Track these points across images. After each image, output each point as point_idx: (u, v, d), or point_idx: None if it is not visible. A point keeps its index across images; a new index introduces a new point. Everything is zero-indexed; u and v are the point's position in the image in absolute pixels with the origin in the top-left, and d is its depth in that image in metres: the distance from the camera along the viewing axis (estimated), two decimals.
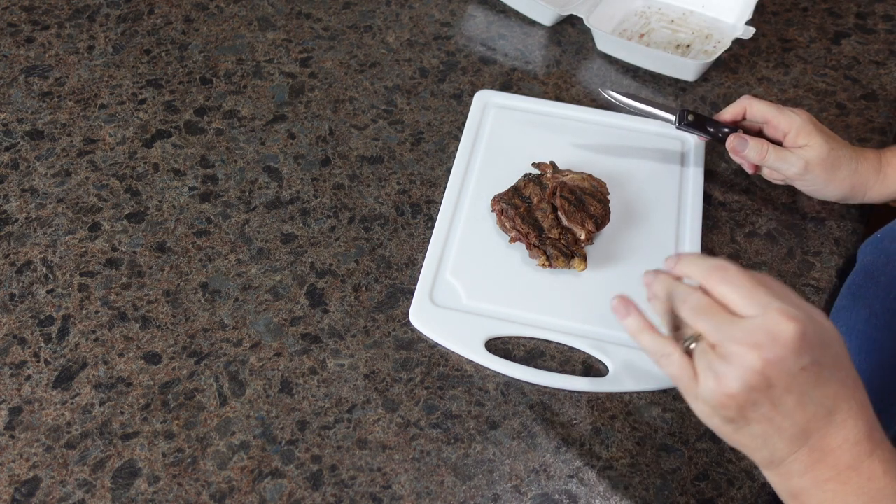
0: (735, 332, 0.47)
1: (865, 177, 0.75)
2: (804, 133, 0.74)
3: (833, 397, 0.47)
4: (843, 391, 0.47)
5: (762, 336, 0.46)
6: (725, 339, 0.47)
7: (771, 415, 0.47)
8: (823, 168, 0.74)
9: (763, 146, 0.75)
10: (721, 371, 0.47)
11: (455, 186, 0.80)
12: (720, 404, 0.48)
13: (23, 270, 0.74)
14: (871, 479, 0.47)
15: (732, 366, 0.47)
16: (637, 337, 0.52)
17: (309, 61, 0.93)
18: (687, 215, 0.79)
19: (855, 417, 0.47)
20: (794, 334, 0.46)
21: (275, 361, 0.69)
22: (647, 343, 0.52)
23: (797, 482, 0.48)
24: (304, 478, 0.63)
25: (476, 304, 0.72)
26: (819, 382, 0.47)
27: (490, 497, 0.62)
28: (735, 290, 0.48)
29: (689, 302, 0.49)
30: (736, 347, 0.46)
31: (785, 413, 0.47)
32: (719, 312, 0.48)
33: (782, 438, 0.48)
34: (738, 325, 0.47)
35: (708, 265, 0.50)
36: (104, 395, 0.67)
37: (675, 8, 1.00)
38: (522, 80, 0.92)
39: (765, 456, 0.49)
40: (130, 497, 0.62)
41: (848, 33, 0.99)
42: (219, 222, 0.78)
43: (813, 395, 0.47)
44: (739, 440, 0.49)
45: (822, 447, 0.47)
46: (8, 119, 0.86)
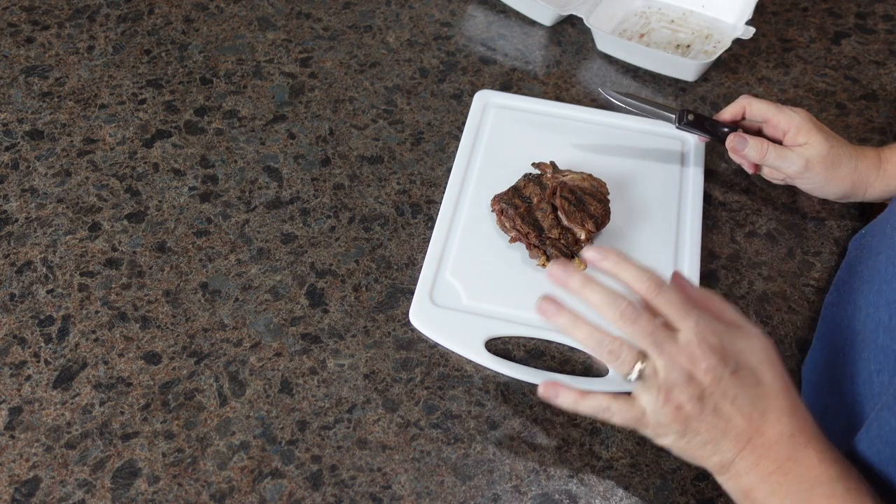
0: (673, 349, 0.53)
1: (866, 174, 0.75)
2: (804, 131, 0.74)
3: (763, 397, 0.53)
4: (772, 392, 0.53)
5: (695, 349, 0.52)
6: (667, 356, 0.53)
7: (714, 421, 0.52)
8: (824, 166, 0.74)
9: (763, 145, 0.75)
10: (667, 389, 0.53)
11: (455, 186, 0.80)
12: (671, 419, 0.53)
13: (23, 270, 0.74)
14: (808, 467, 0.52)
15: (676, 383, 0.53)
16: (576, 407, 0.57)
17: (309, 61, 0.93)
18: (687, 215, 0.79)
19: (788, 414, 0.53)
20: (717, 343, 0.53)
21: (275, 361, 0.69)
22: (587, 407, 0.57)
23: (746, 480, 0.53)
24: (304, 478, 0.63)
25: (476, 304, 0.72)
26: (748, 385, 0.53)
27: (490, 497, 0.62)
28: (669, 305, 0.54)
29: (630, 317, 0.54)
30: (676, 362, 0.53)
31: (725, 417, 0.52)
32: (661, 331, 0.54)
33: (727, 440, 0.53)
34: (673, 343, 0.53)
35: (644, 277, 0.55)
36: (104, 395, 0.67)
37: (675, 8, 1.00)
38: (522, 80, 0.92)
39: (716, 462, 0.54)
40: (130, 497, 0.62)
41: (848, 33, 0.99)
42: (219, 222, 0.78)
43: (745, 396, 0.52)
44: (694, 452, 0.54)
45: (762, 444, 0.52)
46: (8, 119, 0.86)
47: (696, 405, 0.52)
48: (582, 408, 0.57)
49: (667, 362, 0.53)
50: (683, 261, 0.75)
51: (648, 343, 0.53)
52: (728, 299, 0.74)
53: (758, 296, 0.75)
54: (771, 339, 0.55)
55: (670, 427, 0.54)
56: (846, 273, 0.71)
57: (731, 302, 0.74)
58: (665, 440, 0.55)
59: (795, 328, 0.73)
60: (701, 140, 0.83)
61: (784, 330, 0.73)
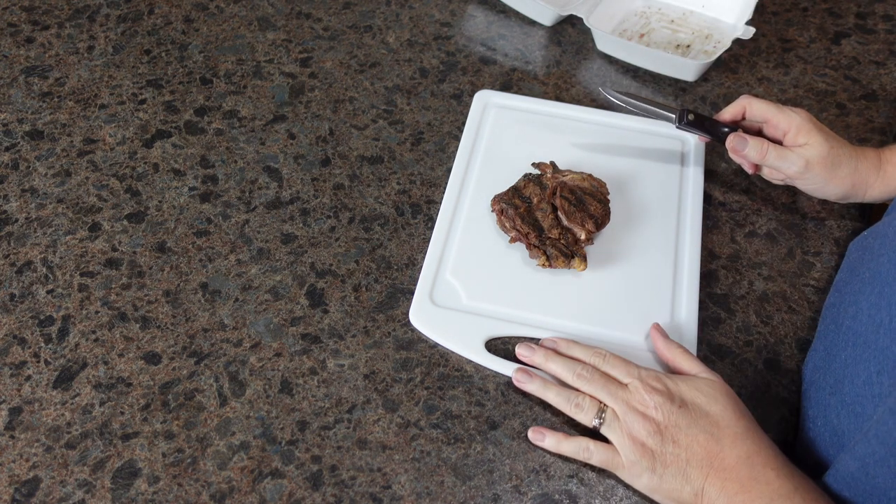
0: (626, 394, 0.62)
1: (866, 175, 0.75)
2: (804, 132, 0.74)
3: (714, 425, 0.59)
4: (722, 420, 0.60)
5: (643, 393, 0.61)
6: (620, 402, 0.62)
7: (675, 451, 0.59)
8: (824, 166, 0.74)
9: (763, 145, 0.75)
10: (628, 429, 0.61)
11: (455, 186, 0.80)
12: (640, 455, 0.60)
13: (23, 270, 0.74)
14: (767, 483, 0.56)
15: (634, 421, 0.60)
16: (559, 448, 0.64)
17: (309, 61, 0.93)
18: (687, 215, 0.79)
19: (742, 438, 0.59)
20: (661, 386, 0.62)
21: (275, 361, 0.69)
22: (569, 448, 0.63)
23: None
24: (304, 478, 0.63)
25: (476, 304, 0.72)
26: (696, 416, 0.60)
27: (490, 497, 0.62)
28: (614, 368, 0.64)
29: (586, 378, 0.64)
30: (630, 404, 0.61)
31: (684, 446, 0.59)
32: (612, 383, 0.63)
33: (692, 468, 0.58)
34: (625, 391, 0.62)
35: (589, 351, 0.66)
36: (104, 395, 0.67)
37: (675, 8, 1.00)
38: (522, 80, 0.92)
39: (689, 492, 0.58)
40: (130, 497, 0.62)
41: (848, 33, 0.99)
42: (219, 222, 0.78)
43: (696, 426, 0.59)
44: (669, 486, 0.59)
45: (723, 467, 0.58)
46: (8, 119, 0.86)
47: (656, 438, 0.59)
48: (564, 448, 0.64)
49: (622, 406, 0.62)
50: (683, 261, 0.75)
51: (604, 394, 0.63)
52: (728, 299, 0.74)
53: (758, 296, 0.75)
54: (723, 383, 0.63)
55: (640, 463, 0.60)
56: (847, 274, 0.71)
57: (730, 302, 0.74)
58: (641, 480, 0.60)
59: (795, 328, 0.73)
60: (701, 140, 0.83)
61: (784, 330, 0.73)
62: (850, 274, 0.70)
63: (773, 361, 0.71)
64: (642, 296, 0.72)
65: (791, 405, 0.68)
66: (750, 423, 0.60)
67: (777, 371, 0.70)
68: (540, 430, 0.65)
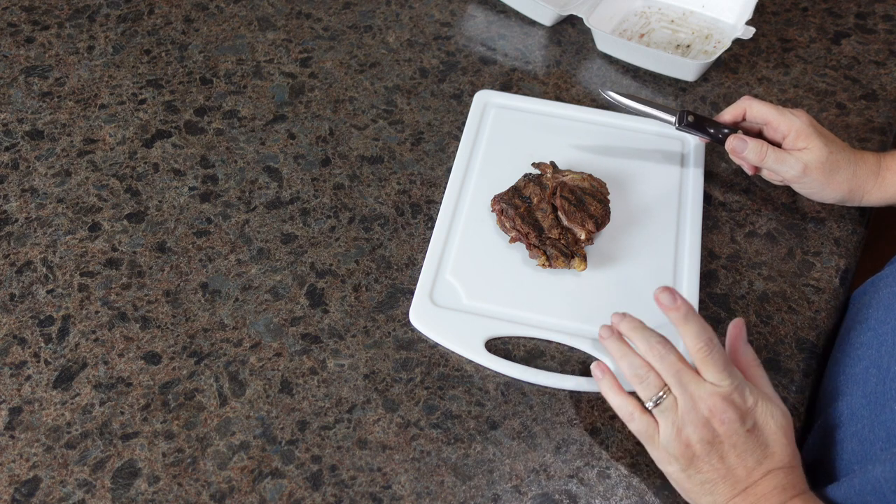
0: (697, 391, 0.58)
1: (863, 180, 0.75)
2: (803, 136, 0.74)
3: (769, 458, 0.57)
4: (777, 456, 0.57)
5: (718, 400, 0.57)
6: (688, 399, 0.58)
7: (717, 465, 0.57)
8: (821, 171, 0.74)
9: (762, 147, 0.75)
10: (681, 425, 0.58)
11: (455, 186, 0.80)
12: (679, 453, 0.58)
13: (23, 270, 0.74)
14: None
15: (691, 420, 0.58)
16: (609, 396, 0.62)
17: (309, 61, 0.93)
18: (687, 215, 0.79)
19: (785, 472, 0.57)
20: (741, 403, 0.57)
21: (275, 361, 0.69)
22: (616, 401, 0.62)
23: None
24: (304, 478, 0.63)
25: (476, 304, 0.72)
26: (758, 444, 0.57)
27: (490, 497, 0.62)
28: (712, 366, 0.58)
29: (660, 353, 0.60)
30: (696, 405, 0.58)
31: (729, 465, 0.57)
32: (687, 373, 0.59)
33: (725, 485, 0.57)
34: (699, 386, 0.58)
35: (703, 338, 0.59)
36: (104, 395, 0.67)
37: (675, 8, 1.00)
38: (522, 80, 0.92)
39: (709, 501, 0.58)
40: (130, 497, 0.62)
41: (848, 33, 0.99)
42: (219, 222, 0.78)
43: (752, 454, 0.57)
44: (690, 487, 0.58)
45: (755, 493, 0.57)
46: (8, 119, 0.86)
47: (705, 447, 0.57)
48: (612, 400, 0.62)
49: (687, 402, 0.58)
50: (683, 261, 0.75)
51: (673, 380, 0.59)
52: (728, 299, 0.74)
53: (758, 296, 0.75)
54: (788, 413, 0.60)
55: (677, 459, 0.58)
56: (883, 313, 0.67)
57: (730, 302, 0.74)
58: (668, 468, 0.59)
59: (795, 328, 0.73)
60: (702, 140, 0.83)
61: (784, 330, 0.73)
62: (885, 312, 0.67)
63: (774, 361, 0.71)
64: (642, 296, 0.72)
65: (790, 404, 0.68)
66: (797, 461, 0.59)
67: (777, 371, 0.70)
68: (602, 367, 0.63)
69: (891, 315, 0.66)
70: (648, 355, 0.61)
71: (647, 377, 0.60)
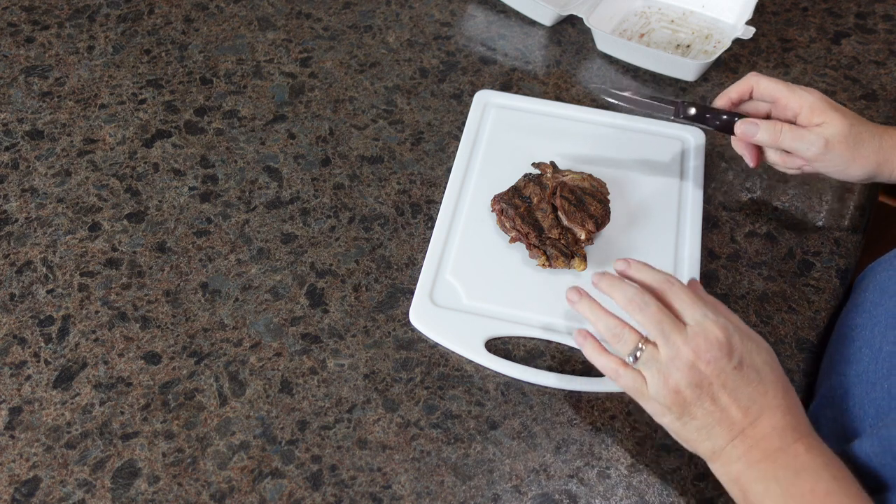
0: (678, 338, 0.56)
1: (890, 153, 0.68)
2: (818, 110, 0.68)
3: (763, 395, 0.55)
4: (771, 390, 0.56)
5: (700, 341, 0.56)
6: (671, 344, 0.56)
7: (710, 408, 0.55)
8: (846, 145, 0.68)
9: (776, 126, 0.69)
10: (668, 372, 0.56)
11: (455, 186, 0.80)
12: (670, 401, 0.56)
13: (23, 270, 0.74)
14: (795, 456, 0.54)
15: (677, 367, 0.56)
16: (593, 358, 0.62)
17: (309, 61, 0.93)
18: (687, 215, 0.79)
19: (782, 412, 0.55)
20: (724, 340, 0.56)
21: (275, 361, 0.69)
22: (601, 362, 0.61)
23: (735, 467, 0.55)
24: (304, 478, 0.63)
25: (476, 304, 0.72)
26: (748, 381, 0.56)
27: (490, 497, 0.62)
28: (680, 300, 0.59)
29: (639, 304, 0.59)
30: (679, 351, 0.56)
31: (722, 406, 0.55)
32: (667, 320, 0.57)
33: (721, 428, 0.55)
34: (680, 332, 0.57)
35: (660, 277, 0.61)
36: (104, 395, 0.67)
37: (675, 8, 1.00)
38: (522, 80, 0.92)
39: (708, 447, 0.56)
40: (130, 497, 0.62)
41: (848, 33, 0.99)
42: (219, 222, 0.78)
43: (744, 391, 0.55)
44: (688, 435, 0.57)
45: (753, 434, 0.55)
46: (8, 119, 0.86)
47: (695, 391, 0.56)
48: (596, 361, 0.61)
49: (670, 349, 0.57)
50: (683, 261, 0.75)
51: (655, 331, 0.57)
52: (728, 299, 0.74)
53: (758, 296, 0.75)
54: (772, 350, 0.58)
55: (670, 409, 0.57)
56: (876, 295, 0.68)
57: (730, 302, 0.74)
58: (664, 419, 0.58)
59: (795, 328, 0.73)
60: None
61: (784, 330, 0.73)
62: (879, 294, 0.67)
63: None
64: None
65: None
66: (794, 398, 0.57)
67: None
68: (584, 332, 0.63)
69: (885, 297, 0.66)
70: (629, 308, 0.59)
71: (622, 334, 0.59)
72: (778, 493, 0.53)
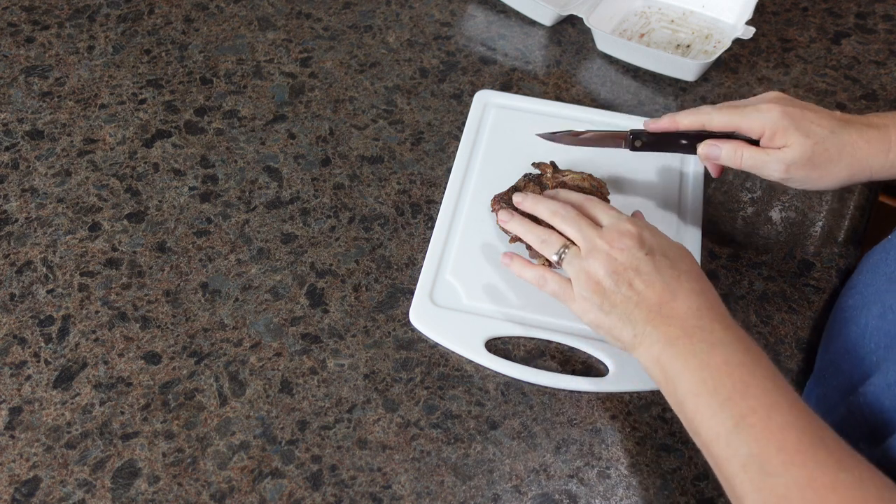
0: (594, 234, 0.63)
1: (868, 161, 0.65)
2: (780, 132, 0.66)
3: (676, 279, 0.59)
4: (684, 276, 0.60)
5: (614, 233, 0.62)
6: (588, 240, 0.63)
7: (628, 293, 0.60)
8: (810, 167, 0.66)
9: (738, 151, 0.68)
10: (587, 265, 0.62)
11: (455, 186, 0.80)
12: (591, 290, 0.61)
13: (23, 270, 0.74)
14: (711, 332, 0.57)
15: (594, 258, 0.62)
16: (522, 274, 0.68)
17: (309, 61, 0.93)
18: (687, 215, 0.79)
19: (696, 294, 0.59)
20: (635, 231, 0.62)
21: (275, 361, 0.69)
22: (528, 274, 0.67)
23: (655, 348, 0.58)
24: (304, 478, 0.63)
25: (476, 304, 0.72)
26: (661, 267, 0.60)
27: (490, 497, 0.62)
28: (597, 209, 0.66)
29: (559, 213, 0.66)
30: (596, 243, 0.62)
31: (638, 290, 0.60)
32: (585, 221, 0.64)
33: (640, 310, 0.59)
34: (596, 230, 0.63)
35: (581, 196, 0.69)
36: (104, 395, 0.67)
37: (675, 8, 1.00)
38: (522, 80, 0.92)
39: (630, 334, 0.60)
40: (130, 497, 0.62)
41: (848, 33, 0.99)
42: (219, 222, 0.78)
43: (658, 276, 0.60)
44: (612, 325, 0.61)
45: (670, 314, 0.58)
46: (8, 119, 0.86)
47: (612, 278, 0.60)
48: (525, 275, 0.68)
49: (588, 244, 0.63)
50: None
51: (574, 231, 0.64)
52: (728, 299, 0.74)
53: (758, 296, 0.75)
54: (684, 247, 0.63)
55: (590, 300, 0.61)
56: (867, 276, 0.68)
57: (730, 302, 0.74)
58: (590, 315, 0.62)
59: (795, 328, 0.73)
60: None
61: (784, 330, 0.73)
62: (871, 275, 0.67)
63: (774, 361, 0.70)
64: None
65: None
66: (709, 287, 0.60)
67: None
68: (509, 254, 0.70)
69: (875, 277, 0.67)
70: (553, 219, 0.66)
71: (548, 238, 0.65)
72: (695, 365, 0.55)
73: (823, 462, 0.49)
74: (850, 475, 0.48)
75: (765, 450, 0.50)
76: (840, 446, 0.50)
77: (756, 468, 0.50)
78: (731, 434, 0.52)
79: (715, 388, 0.54)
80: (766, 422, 0.51)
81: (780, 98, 0.68)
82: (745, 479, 0.50)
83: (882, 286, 0.65)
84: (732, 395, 0.53)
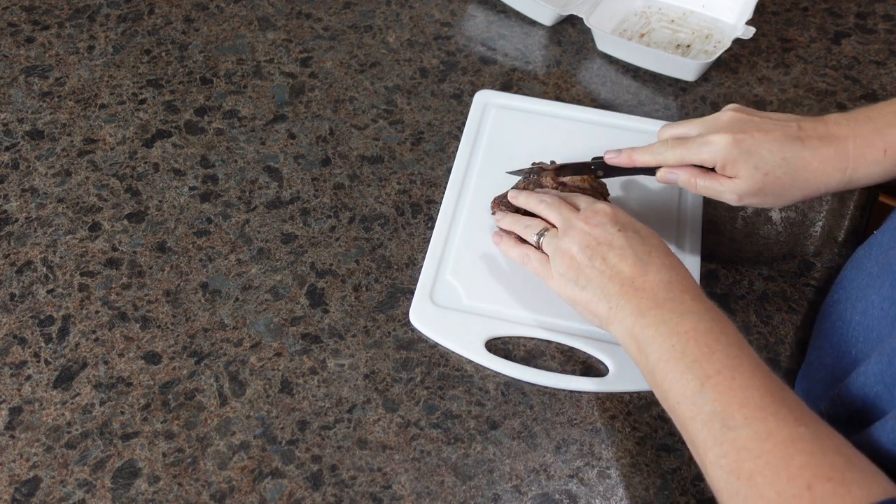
0: (572, 215, 0.66)
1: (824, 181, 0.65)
2: (730, 163, 0.66)
3: (647, 254, 0.62)
4: (655, 251, 0.62)
5: (589, 213, 0.65)
6: (565, 220, 0.66)
7: (602, 267, 0.62)
8: (760, 196, 0.67)
9: (692, 179, 0.69)
10: (562, 243, 0.65)
11: (455, 186, 0.80)
12: (567, 266, 0.64)
13: (23, 270, 0.74)
14: (682, 303, 0.59)
15: (570, 236, 0.65)
16: (508, 252, 0.71)
17: (309, 61, 0.93)
18: (687, 216, 0.79)
19: (667, 268, 0.61)
20: (610, 212, 0.65)
21: (275, 361, 0.69)
22: (514, 252, 0.70)
23: (629, 320, 0.60)
24: (304, 478, 0.63)
25: (476, 304, 0.72)
26: (633, 242, 0.63)
27: (490, 497, 0.62)
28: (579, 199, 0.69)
29: (545, 201, 0.69)
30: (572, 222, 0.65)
31: (611, 264, 0.62)
32: (565, 206, 0.68)
33: (613, 284, 0.61)
34: (574, 212, 0.67)
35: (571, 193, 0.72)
36: (104, 395, 0.67)
37: (675, 8, 1.00)
38: (522, 80, 0.92)
39: (605, 307, 0.62)
40: (130, 497, 0.62)
41: (848, 33, 0.99)
42: (219, 222, 0.78)
43: (630, 250, 0.62)
44: (588, 299, 0.63)
45: (643, 286, 0.60)
46: (8, 119, 0.86)
47: (587, 253, 0.63)
48: (510, 253, 0.71)
49: (564, 224, 0.66)
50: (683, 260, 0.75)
51: (555, 215, 0.67)
52: (728, 299, 0.74)
53: (758, 296, 0.75)
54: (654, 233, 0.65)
55: (566, 275, 0.64)
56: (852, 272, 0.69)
57: (730, 302, 0.74)
58: (567, 291, 0.64)
59: (795, 328, 0.73)
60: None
61: (784, 330, 0.73)
62: (855, 271, 0.69)
63: (774, 361, 0.71)
64: None
65: None
66: (678, 262, 0.63)
67: (777, 371, 0.70)
68: (499, 233, 0.73)
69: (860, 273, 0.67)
70: (538, 208, 0.69)
71: (531, 223, 0.69)
72: (665, 333, 0.57)
73: (784, 417, 0.51)
74: (808, 430, 0.50)
75: (727, 406, 0.52)
76: (800, 405, 0.52)
77: (719, 423, 0.52)
78: (697, 394, 0.54)
79: (683, 352, 0.56)
80: (730, 382, 0.53)
81: (732, 122, 0.67)
82: (707, 434, 0.52)
83: (864, 282, 0.65)
84: (699, 358, 0.55)
